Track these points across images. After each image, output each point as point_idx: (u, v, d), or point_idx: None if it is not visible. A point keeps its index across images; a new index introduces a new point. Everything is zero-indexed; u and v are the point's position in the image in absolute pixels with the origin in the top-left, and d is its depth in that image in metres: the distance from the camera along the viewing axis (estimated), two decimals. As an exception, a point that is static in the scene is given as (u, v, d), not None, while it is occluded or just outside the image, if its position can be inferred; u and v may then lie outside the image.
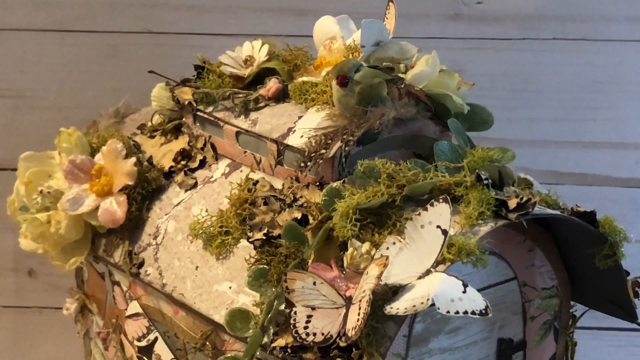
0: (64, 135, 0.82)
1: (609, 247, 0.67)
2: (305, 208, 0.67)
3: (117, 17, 1.02)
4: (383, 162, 0.65)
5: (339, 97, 0.68)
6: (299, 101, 0.74)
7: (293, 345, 0.61)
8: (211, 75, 0.80)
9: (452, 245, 0.59)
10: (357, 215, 0.62)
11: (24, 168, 0.82)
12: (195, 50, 0.85)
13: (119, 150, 0.78)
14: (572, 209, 0.67)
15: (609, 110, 1.03)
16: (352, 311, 0.58)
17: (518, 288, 0.70)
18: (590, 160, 1.03)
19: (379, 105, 0.67)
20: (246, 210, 0.70)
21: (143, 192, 0.78)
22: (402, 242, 0.60)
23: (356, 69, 0.68)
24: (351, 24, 0.80)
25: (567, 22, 1.03)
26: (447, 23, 1.03)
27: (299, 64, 0.79)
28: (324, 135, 0.68)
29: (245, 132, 0.75)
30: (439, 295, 0.55)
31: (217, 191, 0.75)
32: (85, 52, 1.03)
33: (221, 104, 0.78)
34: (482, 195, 0.62)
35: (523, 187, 0.69)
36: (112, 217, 0.77)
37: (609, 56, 1.03)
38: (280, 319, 0.64)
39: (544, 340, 0.73)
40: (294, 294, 0.61)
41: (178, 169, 0.79)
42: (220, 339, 0.69)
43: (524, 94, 1.03)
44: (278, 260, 0.65)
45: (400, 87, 0.69)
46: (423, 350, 0.64)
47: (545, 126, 1.03)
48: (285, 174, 0.71)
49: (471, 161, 0.66)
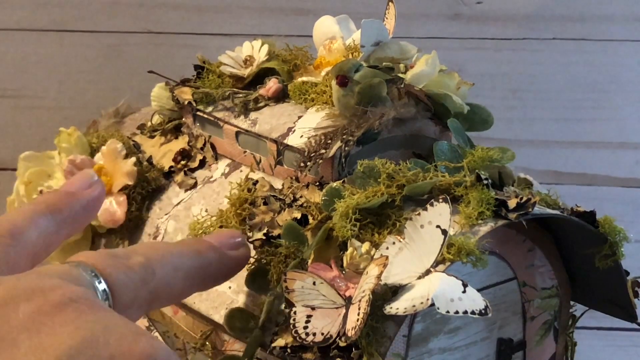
0: (63, 135, 0.82)
1: (609, 247, 0.67)
2: (305, 208, 0.67)
3: (117, 17, 1.03)
4: (383, 162, 0.65)
5: (338, 97, 0.68)
6: (298, 101, 0.74)
7: (293, 345, 0.61)
8: (211, 75, 0.80)
9: (452, 245, 0.59)
10: (357, 215, 0.62)
11: (24, 168, 0.82)
12: (195, 50, 0.85)
13: (118, 150, 0.78)
14: (572, 209, 0.67)
15: (609, 110, 1.03)
16: (352, 311, 0.58)
17: (518, 288, 0.70)
18: (590, 160, 1.03)
19: (379, 105, 0.67)
20: (246, 210, 0.70)
21: (143, 192, 0.78)
22: (401, 242, 0.60)
23: (356, 69, 0.68)
24: (351, 24, 0.80)
25: (567, 22, 1.03)
26: (447, 23, 1.03)
27: (298, 64, 0.79)
28: (324, 135, 0.68)
29: (245, 132, 0.75)
30: (438, 295, 0.55)
31: (217, 191, 0.75)
32: (85, 52, 1.03)
33: (221, 104, 0.78)
34: (482, 195, 0.62)
35: (523, 187, 0.69)
36: (111, 217, 0.77)
37: (609, 56, 1.03)
38: (280, 318, 0.63)
39: (543, 340, 0.73)
40: (293, 294, 0.60)
41: (178, 169, 0.79)
42: (220, 339, 0.69)
43: (524, 94, 1.03)
44: (278, 260, 0.65)
45: (400, 87, 0.69)
46: (423, 350, 0.64)
47: (545, 126, 1.03)
48: (285, 173, 0.71)
49: (471, 161, 0.66)
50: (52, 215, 0.56)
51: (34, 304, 0.44)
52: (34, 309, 0.44)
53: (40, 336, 0.43)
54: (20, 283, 0.45)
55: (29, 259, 0.53)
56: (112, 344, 0.43)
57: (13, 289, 0.45)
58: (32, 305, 0.44)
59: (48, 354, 0.42)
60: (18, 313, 0.44)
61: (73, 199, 0.58)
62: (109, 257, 0.52)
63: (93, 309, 0.45)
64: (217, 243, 0.62)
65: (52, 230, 0.55)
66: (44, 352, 0.42)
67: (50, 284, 0.46)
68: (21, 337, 0.43)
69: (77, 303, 0.45)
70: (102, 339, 0.43)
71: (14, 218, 0.54)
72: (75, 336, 0.43)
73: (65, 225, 0.57)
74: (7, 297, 0.44)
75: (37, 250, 0.54)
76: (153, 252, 0.56)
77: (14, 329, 0.43)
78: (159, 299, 0.55)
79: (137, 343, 0.44)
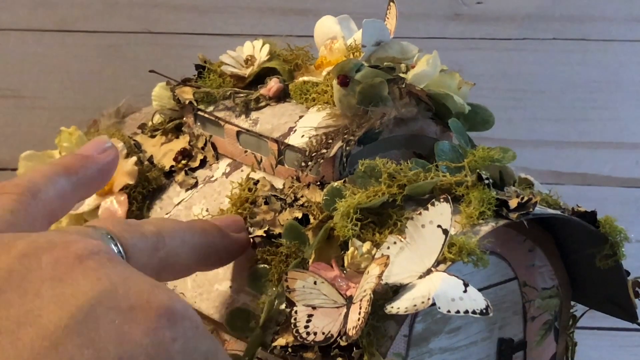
0: (64, 135, 0.81)
1: (610, 247, 0.67)
2: (306, 208, 0.67)
3: (117, 17, 1.02)
4: (384, 161, 0.65)
5: (339, 96, 0.68)
6: (299, 101, 0.74)
7: (294, 345, 0.61)
8: (212, 74, 0.80)
9: (453, 244, 0.59)
10: (358, 214, 0.62)
11: (25, 167, 0.82)
12: (195, 50, 0.85)
13: (119, 149, 0.78)
14: (573, 209, 0.67)
15: (609, 110, 1.03)
16: (353, 310, 0.58)
17: (518, 288, 0.70)
18: (590, 160, 1.03)
19: (380, 105, 0.67)
20: (247, 210, 0.70)
21: (144, 191, 0.78)
22: (402, 242, 0.60)
23: (357, 69, 0.68)
24: (352, 24, 0.80)
25: (567, 22, 1.03)
26: (447, 23, 1.03)
27: (300, 63, 0.79)
28: (325, 135, 0.68)
29: (246, 132, 0.75)
30: (439, 294, 0.55)
31: (217, 190, 0.75)
32: (85, 52, 1.03)
33: (222, 104, 0.78)
34: (483, 195, 0.62)
35: (524, 187, 0.69)
36: (112, 217, 0.77)
37: (609, 56, 1.03)
38: (281, 318, 0.64)
39: (544, 340, 0.73)
40: (294, 294, 0.60)
41: (179, 169, 0.79)
42: (220, 338, 0.69)
43: (524, 94, 1.03)
44: (279, 259, 0.65)
45: (402, 86, 0.69)
46: (423, 350, 0.64)
47: (545, 126, 1.03)
48: (286, 173, 0.71)
49: (472, 161, 0.66)
50: (69, 176, 0.58)
51: (55, 255, 0.45)
52: (56, 259, 0.45)
53: (62, 286, 0.44)
54: (42, 237, 0.47)
55: (46, 217, 0.55)
56: (132, 295, 0.45)
57: (35, 242, 0.46)
58: (54, 256, 0.45)
59: (70, 303, 0.43)
60: (40, 264, 0.45)
61: (89, 162, 0.60)
62: (123, 223, 0.55)
63: (113, 261, 0.47)
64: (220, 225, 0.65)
65: (68, 190, 0.57)
66: (66, 302, 0.43)
67: (71, 237, 0.47)
68: (44, 287, 0.44)
69: (97, 255, 0.46)
70: (121, 290, 0.44)
71: (33, 177, 0.56)
72: (96, 286, 0.44)
73: (81, 187, 0.59)
74: (30, 250, 0.45)
75: (54, 210, 0.56)
76: (164, 223, 0.59)
77: (37, 279, 0.44)
78: (167, 269, 0.58)
79: (156, 295, 0.45)
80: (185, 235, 0.60)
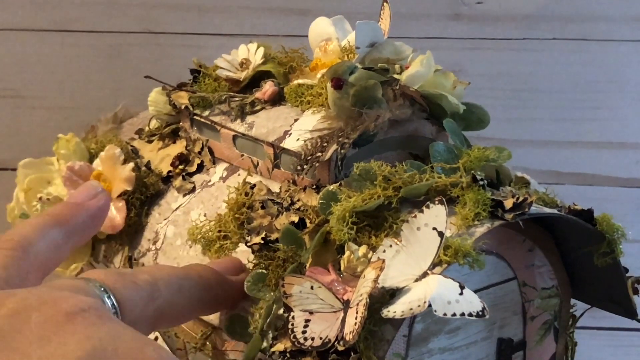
0: (62, 142, 0.82)
1: (607, 245, 0.67)
2: (303, 211, 0.67)
3: (117, 17, 1.02)
4: (379, 164, 0.65)
5: (334, 99, 0.68)
6: (294, 104, 0.74)
7: (292, 350, 0.61)
8: (207, 79, 0.80)
9: (449, 247, 0.58)
10: (354, 218, 0.62)
11: (23, 175, 0.82)
12: (195, 50, 0.85)
13: (117, 155, 0.78)
14: (570, 207, 0.67)
15: (609, 110, 1.03)
16: (350, 315, 0.58)
17: (518, 288, 0.70)
18: (590, 160, 1.03)
19: (374, 107, 0.67)
20: (244, 215, 0.70)
21: (142, 197, 0.78)
22: (398, 245, 0.60)
23: (351, 71, 0.68)
24: (347, 25, 0.80)
25: (567, 22, 1.03)
26: (447, 23, 1.03)
27: (294, 66, 0.78)
28: (320, 138, 0.68)
29: (241, 136, 0.74)
30: (435, 297, 0.55)
31: (215, 195, 0.75)
32: (85, 52, 1.03)
33: (217, 108, 0.78)
34: (478, 196, 0.61)
35: (520, 186, 0.69)
36: (111, 223, 0.77)
37: (609, 56, 1.02)
38: (279, 323, 0.63)
39: (544, 340, 0.72)
40: (291, 299, 0.60)
41: (176, 174, 0.79)
42: (220, 339, 0.69)
43: (524, 94, 1.03)
44: (276, 264, 0.65)
45: (396, 88, 0.69)
46: (423, 350, 0.64)
47: (545, 126, 1.03)
48: (282, 177, 0.71)
49: (467, 161, 0.66)
50: (60, 227, 0.58)
51: (45, 313, 0.45)
52: (45, 318, 0.45)
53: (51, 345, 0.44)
54: (32, 294, 0.47)
55: (39, 271, 0.55)
56: (121, 354, 0.44)
57: (25, 300, 0.46)
58: (43, 315, 0.45)
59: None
60: (30, 323, 0.45)
61: (79, 210, 0.60)
62: (117, 274, 0.54)
63: (102, 318, 0.46)
64: (218, 268, 0.64)
65: (60, 241, 0.57)
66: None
67: (61, 295, 0.47)
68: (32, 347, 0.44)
69: (87, 313, 0.46)
70: (110, 349, 0.44)
71: (24, 231, 0.56)
72: (85, 345, 0.44)
73: (73, 236, 0.59)
74: (20, 308, 0.45)
75: (46, 262, 0.56)
76: (159, 272, 0.58)
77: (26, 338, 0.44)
78: (163, 318, 0.57)
79: (145, 352, 0.45)
80: (182, 283, 0.59)
